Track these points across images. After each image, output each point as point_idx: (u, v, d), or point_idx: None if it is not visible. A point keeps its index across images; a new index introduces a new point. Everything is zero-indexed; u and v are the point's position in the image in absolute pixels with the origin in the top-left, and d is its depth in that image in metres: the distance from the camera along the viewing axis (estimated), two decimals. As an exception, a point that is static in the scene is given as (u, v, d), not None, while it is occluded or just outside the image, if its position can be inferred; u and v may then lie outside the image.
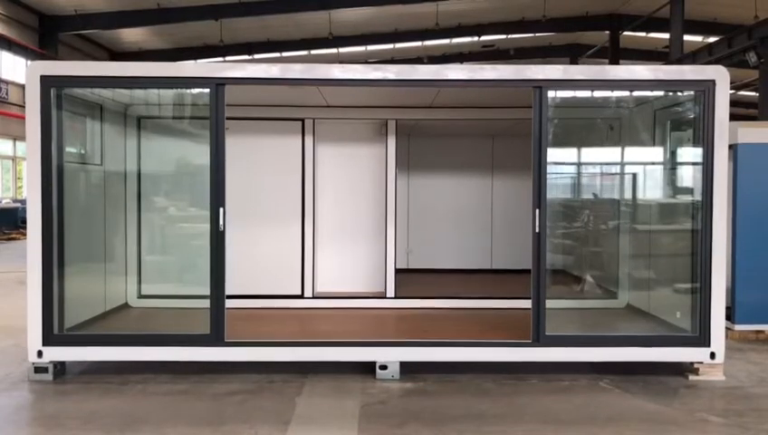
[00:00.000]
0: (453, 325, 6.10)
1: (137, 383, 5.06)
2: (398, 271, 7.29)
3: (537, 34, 28.20)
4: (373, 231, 7.47)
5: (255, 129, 7.09)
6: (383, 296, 7.14)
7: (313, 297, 7.13)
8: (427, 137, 9.13)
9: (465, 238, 9.18)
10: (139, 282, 6.90)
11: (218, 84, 5.11)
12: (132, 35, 25.88)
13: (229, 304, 5.28)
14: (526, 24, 26.33)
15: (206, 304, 5.19)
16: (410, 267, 9.13)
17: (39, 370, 5.12)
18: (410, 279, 8.20)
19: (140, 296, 6.87)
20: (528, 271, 5.26)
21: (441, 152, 9.22)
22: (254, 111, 6.89)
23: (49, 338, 5.09)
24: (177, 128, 6.82)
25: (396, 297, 7.12)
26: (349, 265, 7.50)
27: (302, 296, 7.10)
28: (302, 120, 7.10)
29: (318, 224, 7.36)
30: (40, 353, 5.09)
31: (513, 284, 7.75)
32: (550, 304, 5.25)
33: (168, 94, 6.42)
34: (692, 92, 5.35)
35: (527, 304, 5.30)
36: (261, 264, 7.11)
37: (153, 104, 6.73)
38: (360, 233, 7.50)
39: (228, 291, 5.26)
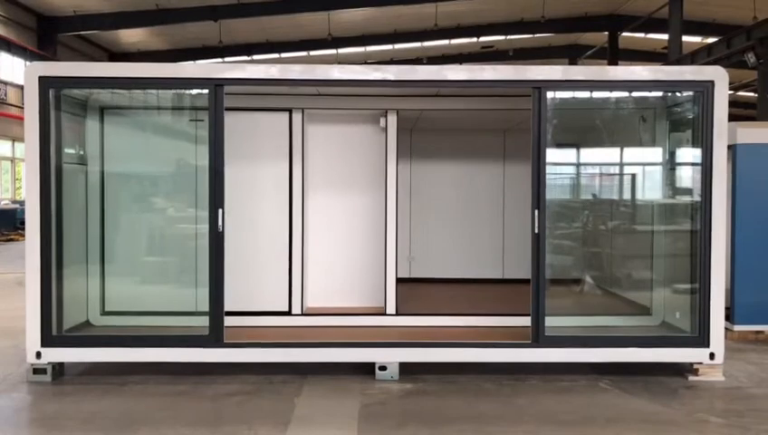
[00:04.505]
0: (456, 332, 5.81)
1: (136, 384, 5.05)
2: (398, 281, 6.48)
3: (536, 35, 28.21)
4: (371, 237, 6.72)
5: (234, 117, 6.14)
6: (383, 313, 6.33)
7: (303, 314, 6.37)
8: (432, 132, 8.40)
9: (474, 245, 8.45)
10: (103, 295, 6.02)
11: (217, 85, 5.10)
12: (131, 36, 25.86)
13: (201, 321, 5.10)
14: (525, 25, 26.34)
15: (186, 321, 5.14)
16: (412, 277, 8.38)
17: (38, 371, 5.11)
18: (413, 291, 7.52)
19: (104, 313, 6.00)
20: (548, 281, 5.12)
21: (446, 149, 8.46)
22: (236, 101, 5.89)
23: (48, 339, 5.08)
24: (149, 119, 6.23)
25: (397, 314, 6.31)
26: (343, 276, 6.74)
27: (289, 313, 6.34)
28: (290, 110, 6.33)
29: (308, 230, 6.63)
30: (38, 355, 5.08)
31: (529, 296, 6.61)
32: (571, 321, 5.10)
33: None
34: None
35: (549, 321, 5.14)
36: (241, 274, 6.22)
37: (116, 93, 5.89)
38: (357, 239, 6.75)
39: (201, 307, 5.05)
